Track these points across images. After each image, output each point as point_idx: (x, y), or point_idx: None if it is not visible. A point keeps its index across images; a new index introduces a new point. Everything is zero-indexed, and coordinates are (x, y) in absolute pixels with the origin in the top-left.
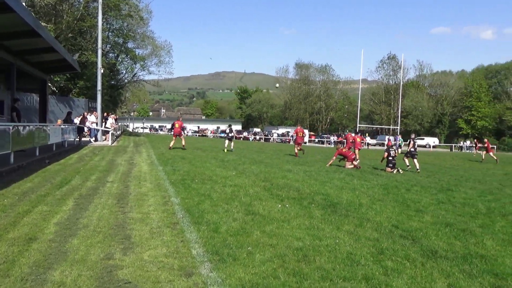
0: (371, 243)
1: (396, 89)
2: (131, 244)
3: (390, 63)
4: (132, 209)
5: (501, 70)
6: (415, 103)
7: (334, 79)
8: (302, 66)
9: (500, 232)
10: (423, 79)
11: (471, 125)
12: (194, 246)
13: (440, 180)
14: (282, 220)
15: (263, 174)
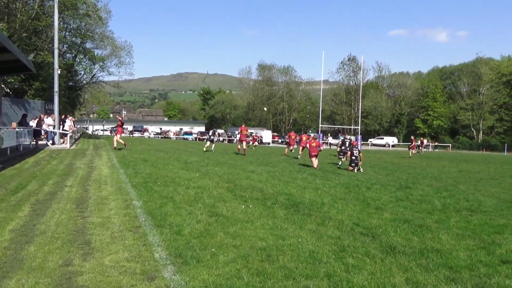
0: (333, 241)
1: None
2: (91, 250)
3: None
4: (92, 214)
5: (455, 71)
6: (375, 103)
7: (297, 80)
8: (265, 67)
9: (455, 227)
10: (382, 80)
11: (428, 124)
12: (156, 249)
13: (398, 178)
14: (245, 221)
15: (227, 175)
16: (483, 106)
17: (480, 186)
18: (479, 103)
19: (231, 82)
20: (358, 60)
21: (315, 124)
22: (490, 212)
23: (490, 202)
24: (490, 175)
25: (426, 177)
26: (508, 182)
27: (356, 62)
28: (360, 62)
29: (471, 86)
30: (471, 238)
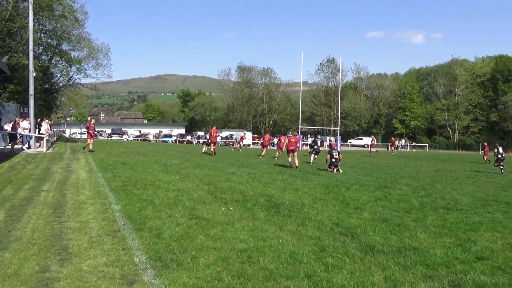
0: (313, 242)
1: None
2: (69, 255)
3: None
4: (69, 218)
5: (431, 72)
6: (353, 104)
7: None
8: (244, 69)
9: (432, 225)
10: (360, 81)
11: (405, 125)
12: (136, 253)
13: (377, 178)
14: (226, 223)
15: (207, 177)
16: (458, 106)
17: (456, 185)
18: (454, 103)
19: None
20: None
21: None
22: (465, 210)
23: (466, 200)
24: (465, 174)
25: (404, 176)
26: (483, 181)
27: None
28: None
29: (446, 87)
30: (448, 235)
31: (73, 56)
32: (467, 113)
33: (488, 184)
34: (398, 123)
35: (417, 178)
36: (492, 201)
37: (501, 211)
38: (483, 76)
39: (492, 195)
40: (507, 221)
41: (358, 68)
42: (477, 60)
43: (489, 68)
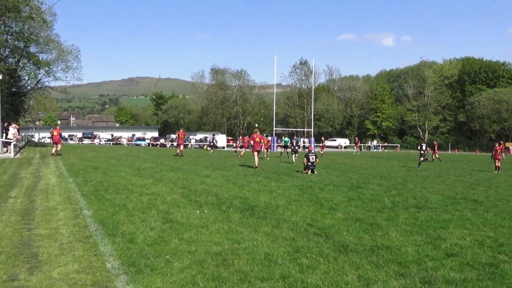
0: (287, 243)
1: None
2: (38, 263)
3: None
4: (39, 225)
5: (401, 74)
6: (327, 106)
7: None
8: (218, 71)
9: (403, 224)
10: (333, 83)
11: (377, 125)
12: (108, 259)
13: (351, 178)
14: (200, 226)
15: (181, 180)
16: (428, 107)
17: (427, 184)
18: (424, 104)
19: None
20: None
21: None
22: (436, 208)
23: (436, 198)
24: (435, 173)
25: (377, 176)
26: (452, 179)
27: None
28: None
29: (416, 88)
30: (419, 233)
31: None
32: (436, 114)
33: (457, 182)
34: (370, 124)
35: (389, 178)
36: (461, 199)
37: (469, 208)
38: (451, 78)
39: (461, 193)
40: (475, 218)
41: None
42: (445, 62)
43: (456, 70)
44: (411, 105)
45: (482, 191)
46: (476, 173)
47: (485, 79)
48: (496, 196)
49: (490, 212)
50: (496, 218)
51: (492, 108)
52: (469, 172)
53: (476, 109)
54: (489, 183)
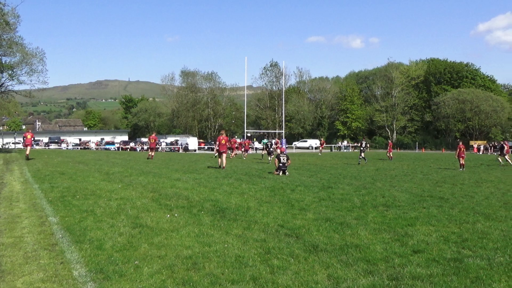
0: (258, 244)
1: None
2: (1, 272)
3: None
4: (2, 234)
5: (370, 75)
6: (297, 107)
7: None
8: (188, 74)
9: (372, 222)
10: (303, 85)
11: (347, 126)
12: (75, 266)
13: (321, 179)
14: (171, 230)
15: (151, 184)
16: (395, 107)
17: (395, 183)
18: (392, 105)
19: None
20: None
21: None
22: (403, 206)
23: (404, 197)
24: (403, 172)
25: (347, 176)
26: (419, 178)
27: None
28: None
29: (384, 89)
30: (387, 231)
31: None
32: (404, 114)
33: (424, 180)
34: (340, 125)
35: (358, 177)
36: (427, 197)
37: (435, 205)
38: (417, 79)
39: (427, 191)
40: (441, 215)
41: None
42: (411, 63)
43: (422, 71)
44: (379, 105)
45: (448, 188)
46: (442, 171)
47: (449, 80)
48: (461, 193)
49: (455, 208)
50: (460, 214)
51: (456, 107)
52: (435, 170)
53: (442, 109)
54: (454, 180)
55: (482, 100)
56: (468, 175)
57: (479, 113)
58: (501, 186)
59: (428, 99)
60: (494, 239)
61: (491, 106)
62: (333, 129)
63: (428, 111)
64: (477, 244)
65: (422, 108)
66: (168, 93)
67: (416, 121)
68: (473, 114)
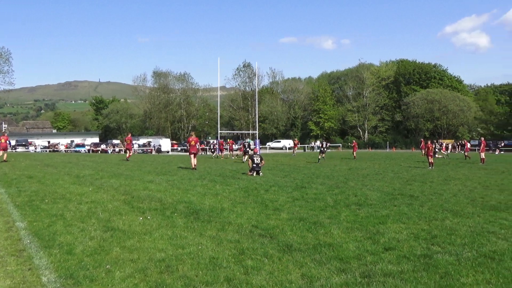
0: (232, 245)
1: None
2: None
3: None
4: None
5: (341, 76)
6: (271, 108)
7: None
8: (160, 75)
9: (345, 221)
10: (276, 85)
11: (320, 126)
12: (44, 272)
13: (295, 179)
14: (143, 233)
15: (123, 187)
16: (367, 108)
17: (367, 181)
18: (363, 105)
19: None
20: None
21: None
22: (375, 204)
23: (375, 195)
24: (375, 171)
25: (320, 176)
26: (390, 176)
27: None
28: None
29: (355, 89)
30: (359, 230)
31: None
32: (375, 114)
33: (395, 179)
34: (313, 125)
35: (331, 177)
36: (398, 195)
37: (406, 203)
38: (387, 79)
39: (398, 189)
40: (411, 212)
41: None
42: (382, 64)
43: (392, 72)
44: (351, 106)
45: (418, 186)
46: (412, 170)
47: (418, 80)
48: (430, 190)
49: (425, 206)
50: (430, 211)
51: (425, 107)
52: (405, 169)
53: (411, 109)
54: (424, 178)
55: (450, 100)
56: (437, 173)
57: (447, 112)
58: (468, 183)
59: (398, 99)
60: (462, 235)
61: (458, 106)
62: (306, 129)
63: (398, 111)
64: (446, 240)
65: (392, 108)
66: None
67: (387, 120)
68: (441, 114)
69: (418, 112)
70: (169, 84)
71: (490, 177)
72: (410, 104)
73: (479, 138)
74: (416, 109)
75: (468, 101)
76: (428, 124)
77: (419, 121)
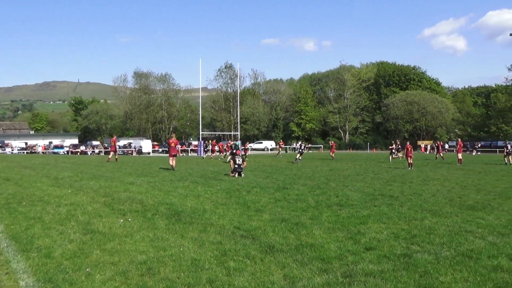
0: (214, 247)
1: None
2: None
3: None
4: None
5: (323, 77)
6: (252, 109)
7: (175, 87)
8: (141, 75)
9: (326, 222)
10: (258, 86)
11: (302, 127)
12: (22, 276)
13: (277, 180)
14: (124, 235)
15: (103, 189)
16: (347, 109)
17: (348, 182)
18: (344, 106)
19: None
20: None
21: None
22: (356, 205)
23: (356, 196)
24: (356, 172)
25: (301, 177)
26: (371, 177)
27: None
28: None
29: (337, 91)
30: (340, 230)
31: None
32: (356, 115)
33: (375, 180)
34: (295, 126)
35: (313, 178)
36: (378, 195)
37: (386, 204)
38: (368, 81)
39: (378, 190)
40: (391, 212)
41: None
42: (362, 66)
43: (372, 74)
44: (332, 107)
45: (397, 186)
46: (392, 170)
47: (398, 82)
48: (409, 191)
49: (404, 206)
50: (409, 211)
51: (405, 109)
52: (386, 169)
53: (391, 110)
54: (404, 179)
55: (429, 102)
56: (416, 173)
57: (426, 114)
58: (447, 184)
59: (378, 100)
60: (440, 234)
61: (436, 107)
62: (288, 130)
63: (378, 112)
64: (425, 240)
65: (372, 110)
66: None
67: (368, 122)
68: (420, 115)
69: (398, 114)
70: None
71: (468, 177)
72: (390, 105)
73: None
74: (396, 110)
75: (446, 103)
76: (407, 125)
77: (399, 123)
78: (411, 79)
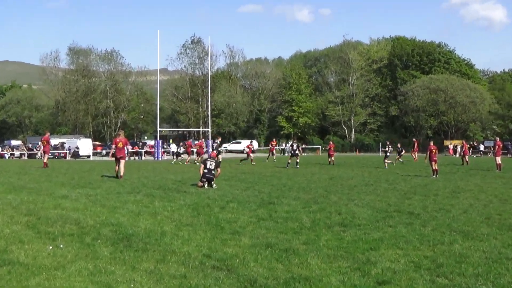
0: (177, 282)
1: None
2: None
3: (195, 48)
4: None
5: (321, 57)
6: (228, 98)
7: (125, 69)
8: (79, 52)
9: (325, 247)
10: (236, 68)
11: (293, 123)
12: None
13: (260, 192)
14: (54, 268)
15: (26, 205)
16: (353, 98)
17: (354, 195)
18: (349, 95)
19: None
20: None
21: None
22: (364, 225)
23: (365, 213)
24: (364, 181)
25: (293, 188)
26: (384, 188)
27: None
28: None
29: (339, 75)
30: (344, 258)
31: None
32: (364, 107)
33: (389, 191)
34: (284, 121)
35: (308, 189)
36: (394, 212)
37: (404, 223)
38: (379, 62)
39: (394, 205)
40: (410, 234)
41: (231, 52)
42: (372, 42)
43: (385, 52)
44: (333, 96)
45: (419, 201)
46: (411, 179)
47: (418, 64)
48: (434, 206)
49: (428, 226)
50: (434, 233)
51: (428, 99)
52: (403, 178)
53: (410, 101)
54: (426, 190)
55: (458, 90)
56: (443, 183)
57: (454, 105)
58: (482, 196)
59: (393, 87)
60: (474, 262)
61: (468, 96)
62: (275, 126)
63: (393, 103)
64: (455, 270)
65: (386, 100)
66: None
67: (380, 115)
68: (447, 107)
69: (419, 105)
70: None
71: (509, 188)
72: (409, 94)
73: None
74: (416, 100)
75: (481, 91)
76: (431, 120)
77: (420, 116)
78: (435, 60)
